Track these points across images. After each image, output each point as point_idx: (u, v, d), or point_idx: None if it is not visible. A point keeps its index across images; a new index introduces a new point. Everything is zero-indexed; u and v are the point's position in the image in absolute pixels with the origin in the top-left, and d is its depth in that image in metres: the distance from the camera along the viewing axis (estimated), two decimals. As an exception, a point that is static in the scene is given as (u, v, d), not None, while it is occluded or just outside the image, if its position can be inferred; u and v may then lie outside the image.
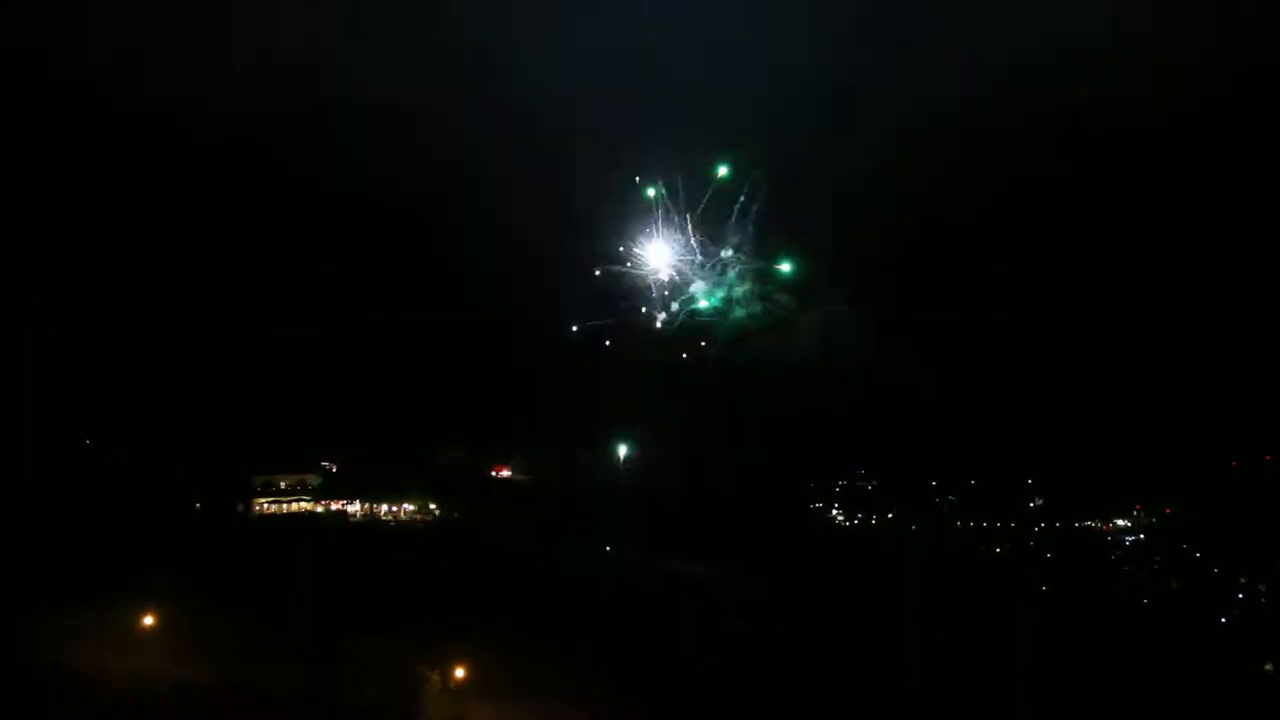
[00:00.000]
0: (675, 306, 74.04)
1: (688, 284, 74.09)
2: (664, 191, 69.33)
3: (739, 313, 72.99)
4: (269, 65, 73.08)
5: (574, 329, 72.66)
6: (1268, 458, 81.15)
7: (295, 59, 73.16)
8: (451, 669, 54.82)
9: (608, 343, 73.05)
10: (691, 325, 74.45)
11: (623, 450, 78.19)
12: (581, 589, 68.37)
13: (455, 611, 60.75)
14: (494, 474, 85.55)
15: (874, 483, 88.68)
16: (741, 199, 70.66)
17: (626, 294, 73.87)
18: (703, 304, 72.33)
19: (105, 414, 77.24)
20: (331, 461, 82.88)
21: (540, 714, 53.61)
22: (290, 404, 79.19)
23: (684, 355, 72.79)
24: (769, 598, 72.04)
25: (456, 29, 74.11)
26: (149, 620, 55.39)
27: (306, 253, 78.77)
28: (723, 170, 66.95)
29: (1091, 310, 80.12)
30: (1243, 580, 75.27)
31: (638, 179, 69.32)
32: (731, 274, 72.53)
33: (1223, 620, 72.58)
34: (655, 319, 73.96)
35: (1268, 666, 66.44)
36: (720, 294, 72.97)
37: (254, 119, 76.95)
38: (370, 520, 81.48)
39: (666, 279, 74.35)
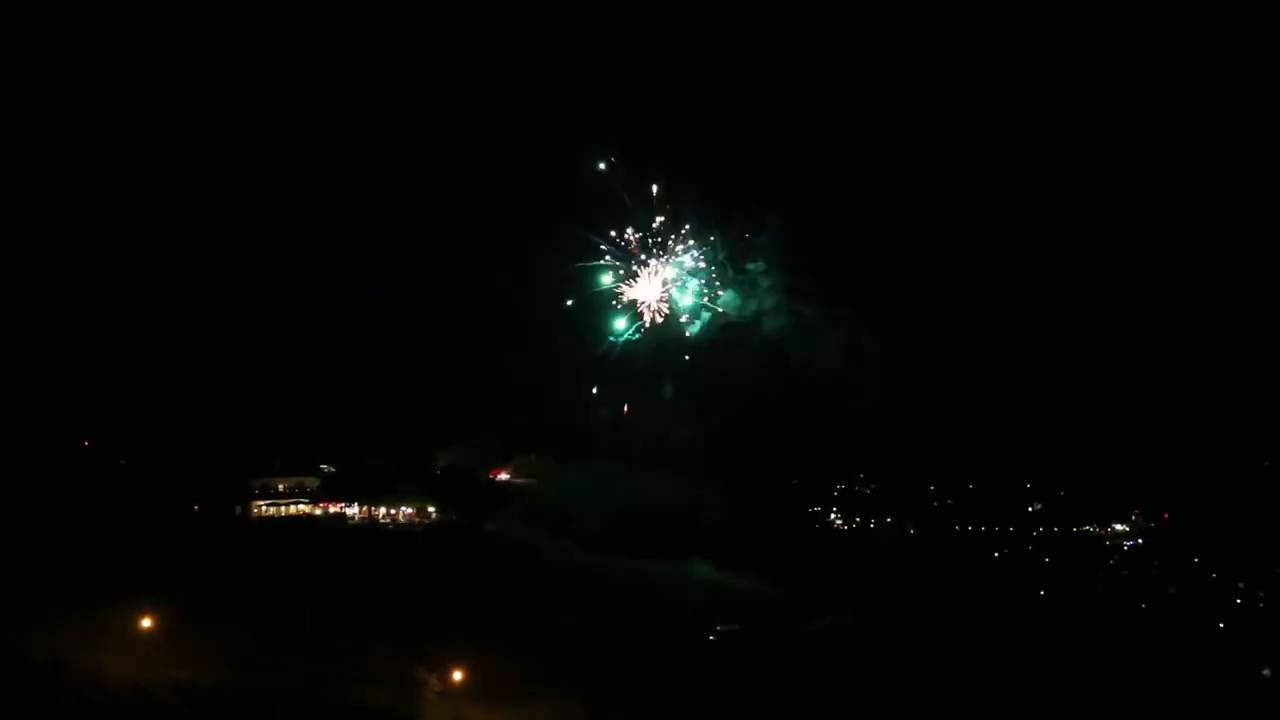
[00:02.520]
0: (705, 316, 74.85)
1: (716, 295, 74.87)
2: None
3: (768, 323, 73.65)
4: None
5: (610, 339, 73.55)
6: (1266, 463, 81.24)
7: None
8: (449, 672, 54.73)
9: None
10: (722, 334, 75.39)
11: (625, 454, 78.25)
12: (580, 592, 68.44)
13: (453, 615, 60.69)
14: (492, 477, 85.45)
15: (872, 487, 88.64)
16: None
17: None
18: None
19: (105, 415, 77.27)
20: (330, 464, 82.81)
21: (538, 717, 53.55)
22: (289, 407, 79.17)
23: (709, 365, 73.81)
24: (768, 598, 72.21)
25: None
26: (148, 622, 55.32)
27: (306, 254, 78.94)
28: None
29: (1092, 314, 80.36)
30: (1241, 585, 75.28)
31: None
32: (762, 285, 73.22)
33: (1221, 625, 72.56)
34: (685, 328, 74.74)
35: (1265, 671, 66.37)
36: (753, 305, 73.65)
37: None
38: (369, 523, 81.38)
39: (698, 288, 75.24)
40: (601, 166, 73.70)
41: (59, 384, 74.76)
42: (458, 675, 54.70)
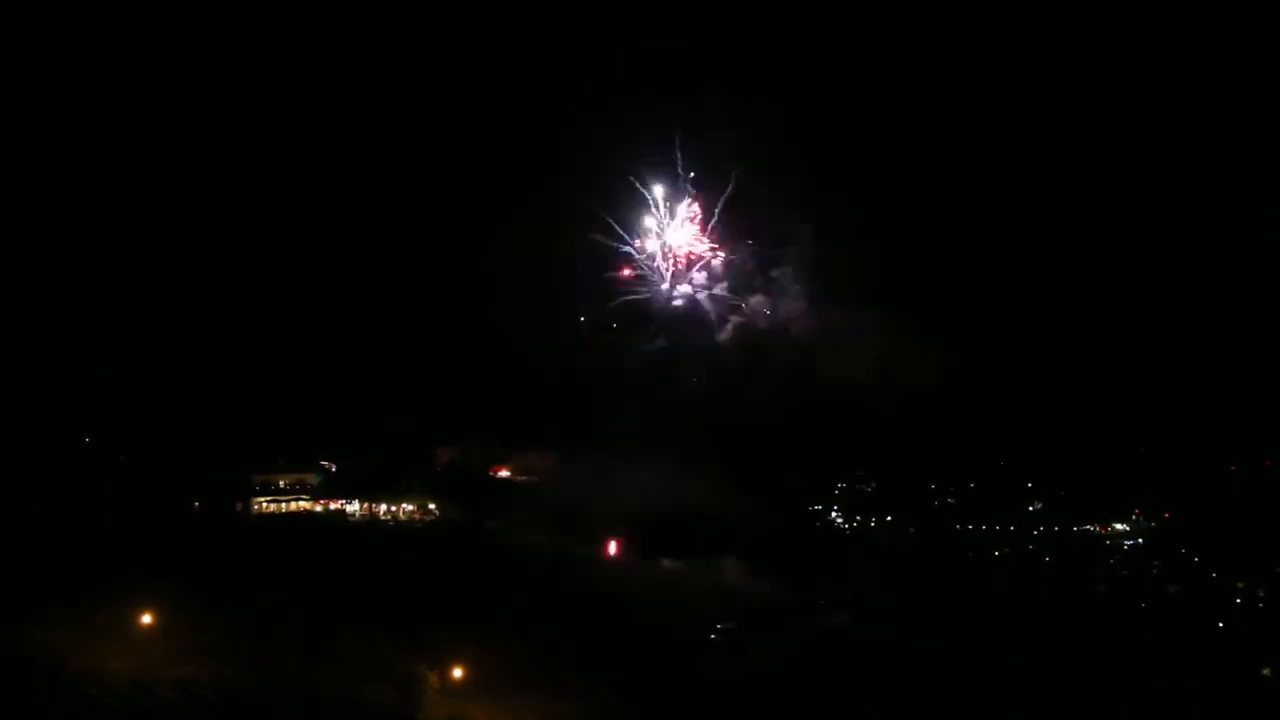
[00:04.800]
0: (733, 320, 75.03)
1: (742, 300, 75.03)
2: None
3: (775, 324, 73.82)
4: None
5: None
6: (1268, 462, 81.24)
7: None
8: (450, 668, 54.80)
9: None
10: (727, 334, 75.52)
11: (627, 452, 78.19)
12: (580, 588, 68.47)
13: (454, 612, 60.74)
14: (493, 474, 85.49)
15: (873, 485, 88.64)
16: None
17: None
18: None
19: (105, 411, 77.29)
20: (331, 460, 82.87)
21: (538, 713, 53.61)
22: (290, 403, 79.20)
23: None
24: (768, 596, 72.27)
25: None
26: (149, 618, 55.42)
27: (309, 250, 78.92)
28: None
29: (1093, 312, 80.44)
30: (1241, 585, 75.34)
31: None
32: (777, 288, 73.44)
33: (1221, 625, 72.65)
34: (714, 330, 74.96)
35: (1265, 671, 66.46)
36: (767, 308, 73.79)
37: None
38: (369, 520, 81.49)
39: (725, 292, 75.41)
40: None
41: (59, 380, 74.75)
42: (458, 672, 54.78)
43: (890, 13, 76.81)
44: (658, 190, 75.68)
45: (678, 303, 77.03)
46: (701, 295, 76.59)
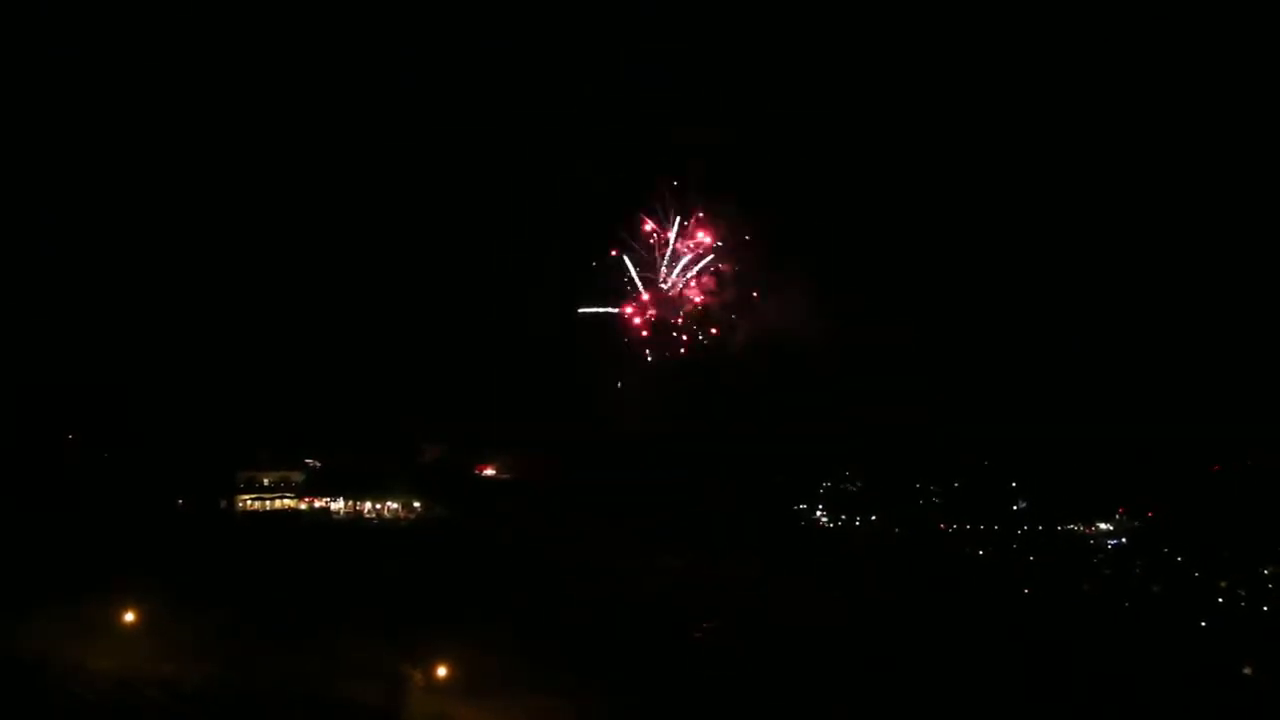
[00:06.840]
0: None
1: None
2: None
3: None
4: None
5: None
6: (1250, 462, 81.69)
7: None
8: (434, 667, 54.72)
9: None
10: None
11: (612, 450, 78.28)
12: (566, 587, 68.49)
13: (438, 610, 60.66)
14: (478, 472, 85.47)
15: (859, 484, 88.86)
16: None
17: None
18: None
19: (89, 409, 76.93)
20: (315, 458, 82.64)
21: (524, 712, 53.58)
22: (274, 401, 78.99)
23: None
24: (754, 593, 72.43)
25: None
26: (132, 617, 55.17)
27: (297, 252, 78.78)
28: None
29: (1079, 315, 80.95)
30: (1223, 584, 75.80)
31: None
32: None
33: (1203, 623, 73.12)
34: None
35: (1246, 669, 66.95)
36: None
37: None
38: (354, 518, 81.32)
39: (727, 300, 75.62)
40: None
41: (42, 378, 74.35)
42: (442, 670, 54.69)
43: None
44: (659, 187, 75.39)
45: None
46: (699, 299, 76.66)
